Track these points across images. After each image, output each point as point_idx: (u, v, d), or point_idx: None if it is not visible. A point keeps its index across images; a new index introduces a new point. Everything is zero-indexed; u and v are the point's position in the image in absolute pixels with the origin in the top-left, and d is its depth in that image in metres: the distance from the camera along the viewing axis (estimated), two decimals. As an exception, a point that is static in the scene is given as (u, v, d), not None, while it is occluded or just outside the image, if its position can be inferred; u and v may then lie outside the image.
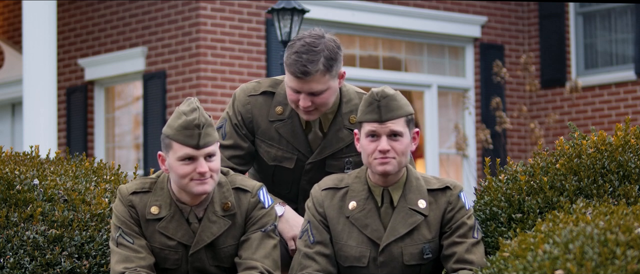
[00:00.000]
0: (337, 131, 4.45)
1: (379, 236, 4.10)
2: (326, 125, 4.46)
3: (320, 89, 4.27)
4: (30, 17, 10.93)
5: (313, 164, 4.48)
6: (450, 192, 4.16)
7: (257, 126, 4.47)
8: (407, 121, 4.07)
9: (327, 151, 4.47)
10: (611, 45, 13.73)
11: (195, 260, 4.13)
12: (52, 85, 10.92)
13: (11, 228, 4.33)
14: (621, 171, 4.20)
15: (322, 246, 4.14)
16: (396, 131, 4.03)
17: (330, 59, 4.26)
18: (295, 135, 4.45)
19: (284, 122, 4.45)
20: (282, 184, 4.56)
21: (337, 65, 4.29)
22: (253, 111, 4.46)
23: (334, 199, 4.17)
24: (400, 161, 4.06)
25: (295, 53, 4.24)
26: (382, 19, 12.99)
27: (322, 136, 4.46)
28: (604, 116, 13.45)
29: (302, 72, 4.22)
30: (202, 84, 11.78)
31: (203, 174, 4.00)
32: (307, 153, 4.47)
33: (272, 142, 4.47)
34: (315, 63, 4.22)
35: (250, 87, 4.50)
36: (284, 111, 4.45)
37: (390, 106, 4.03)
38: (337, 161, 4.48)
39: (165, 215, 4.10)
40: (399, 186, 4.13)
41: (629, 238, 3.22)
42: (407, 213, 4.10)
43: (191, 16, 11.89)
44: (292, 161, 4.48)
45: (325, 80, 4.26)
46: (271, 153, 4.47)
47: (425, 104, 13.60)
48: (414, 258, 4.11)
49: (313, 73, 4.22)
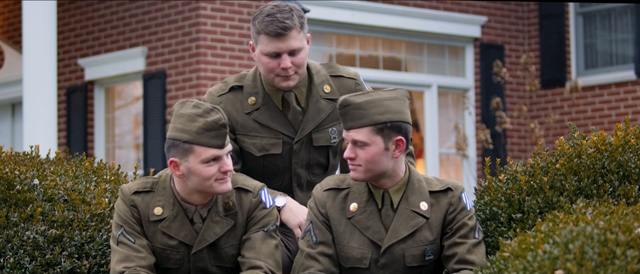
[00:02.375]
0: (315, 103, 4.50)
1: (380, 238, 4.10)
2: (302, 99, 4.50)
3: (298, 47, 4.35)
4: (30, 17, 10.93)
5: (300, 142, 4.50)
6: (452, 193, 4.15)
7: (235, 122, 4.48)
8: (376, 130, 4.01)
9: (310, 125, 4.50)
10: (611, 45, 13.73)
11: (198, 260, 4.13)
12: (52, 85, 10.92)
13: (11, 228, 4.33)
14: (621, 171, 4.20)
15: (325, 246, 4.14)
16: (357, 141, 4.01)
17: (301, 17, 4.39)
18: (274, 119, 4.48)
19: (260, 110, 4.48)
20: (274, 175, 4.57)
21: (306, 25, 4.42)
22: (227, 108, 4.47)
23: (335, 200, 4.17)
24: (369, 169, 4.04)
25: (268, 16, 4.35)
26: (382, 19, 12.99)
27: (302, 111, 4.49)
28: (604, 116, 13.45)
29: (282, 28, 4.31)
30: (202, 84, 11.78)
31: (226, 173, 4.02)
32: (291, 134, 4.50)
33: (255, 132, 4.49)
34: (291, 19, 4.34)
35: (218, 88, 4.55)
36: (257, 100, 4.49)
37: (351, 114, 4.01)
38: (322, 133, 4.52)
39: (168, 215, 4.11)
40: (399, 189, 4.12)
41: (629, 238, 3.22)
42: (409, 215, 4.10)
43: (191, 16, 11.89)
44: (279, 145, 4.49)
45: (300, 37, 4.37)
46: (257, 144, 4.49)
47: (425, 104, 13.60)
48: (415, 260, 4.11)
49: (291, 27, 4.32)
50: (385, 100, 4.04)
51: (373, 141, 4.01)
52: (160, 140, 11.87)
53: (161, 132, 12.01)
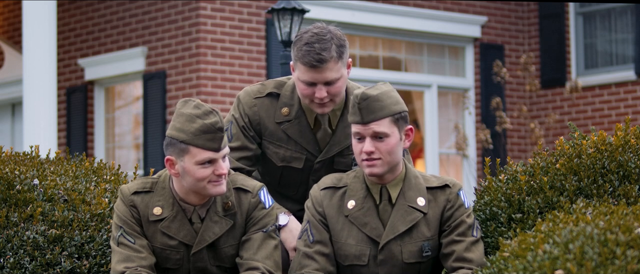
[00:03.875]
0: (345, 127, 4.46)
1: (378, 234, 4.11)
2: (334, 122, 4.47)
3: (334, 78, 4.29)
4: (30, 17, 10.93)
5: (322, 163, 4.49)
6: (450, 190, 4.16)
7: (265, 128, 4.47)
8: (393, 120, 4.05)
9: (335, 148, 4.48)
10: (611, 45, 13.73)
11: (197, 260, 4.13)
12: (52, 85, 10.92)
13: (11, 228, 4.33)
14: (621, 171, 4.20)
15: (322, 245, 4.14)
16: (379, 133, 4.03)
17: (341, 46, 4.30)
18: (303, 135, 4.46)
19: (291, 123, 4.46)
20: (289, 186, 4.57)
21: (346, 53, 4.33)
22: (260, 113, 4.46)
23: (333, 198, 4.18)
24: (388, 161, 4.05)
25: (306, 44, 4.26)
26: (382, 19, 12.99)
27: (331, 133, 4.47)
28: (604, 116, 13.45)
29: (317, 60, 4.24)
30: (202, 84, 11.78)
31: (221, 176, 4.01)
32: (315, 152, 4.48)
33: (281, 143, 4.48)
34: (328, 50, 4.25)
35: (256, 90, 4.50)
36: (291, 112, 4.46)
37: (372, 107, 4.02)
38: (344, 158, 4.50)
39: (168, 215, 4.10)
40: (397, 183, 4.13)
41: (629, 238, 3.22)
42: (406, 210, 4.11)
43: (191, 16, 11.89)
44: (301, 160, 4.48)
45: (338, 68, 4.29)
46: (280, 154, 4.47)
47: (425, 104, 13.60)
48: (413, 256, 4.11)
49: (328, 60, 4.24)
50: (391, 91, 4.10)
51: (392, 132, 4.05)
52: (160, 140, 11.86)
53: (161, 132, 12.01)
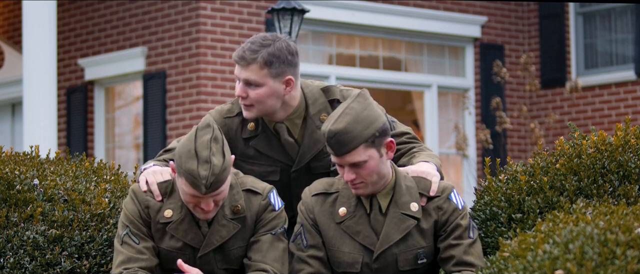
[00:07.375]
0: (311, 134, 4.39)
1: (371, 242, 4.08)
2: (296, 131, 4.40)
3: (254, 80, 4.22)
4: (30, 17, 10.93)
5: (298, 171, 4.43)
6: (438, 197, 4.13)
7: (235, 147, 4.39)
8: (368, 144, 3.97)
9: (307, 156, 4.41)
10: (611, 45, 13.73)
11: (204, 263, 4.12)
12: (52, 85, 10.92)
13: (11, 228, 4.33)
14: (621, 171, 4.20)
15: (315, 249, 4.12)
16: (356, 163, 3.98)
17: (273, 56, 4.21)
18: (272, 147, 4.40)
19: (259, 138, 4.40)
20: None
21: (281, 67, 4.23)
22: (229, 133, 4.39)
23: (324, 205, 4.15)
24: (372, 182, 4.02)
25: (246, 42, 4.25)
26: (382, 19, 12.99)
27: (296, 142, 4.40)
28: (604, 116, 13.45)
29: (238, 57, 4.22)
30: (202, 84, 11.78)
31: (207, 212, 4.00)
32: (288, 162, 4.42)
33: (253, 160, 4.42)
34: (254, 53, 4.20)
35: (226, 109, 4.44)
36: (257, 127, 4.40)
37: (342, 141, 3.95)
38: (320, 161, 4.43)
39: (176, 218, 4.10)
40: (387, 193, 4.10)
41: (629, 238, 3.22)
42: (399, 218, 4.07)
43: (191, 16, 11.89)
44: (277, 173, 4.42)
45: (262, 74, 4.21)
46: (255, 171, 4.39)
47: (425, 104, 13.60)
48: (408, 263, 4.09)
49: (248, 61, 4.20)
50: (362, 112, 4.00)
51: (370, 156, 3.98)
52: (160, 140, 11.87)
53: (161, 132, 12.01)
